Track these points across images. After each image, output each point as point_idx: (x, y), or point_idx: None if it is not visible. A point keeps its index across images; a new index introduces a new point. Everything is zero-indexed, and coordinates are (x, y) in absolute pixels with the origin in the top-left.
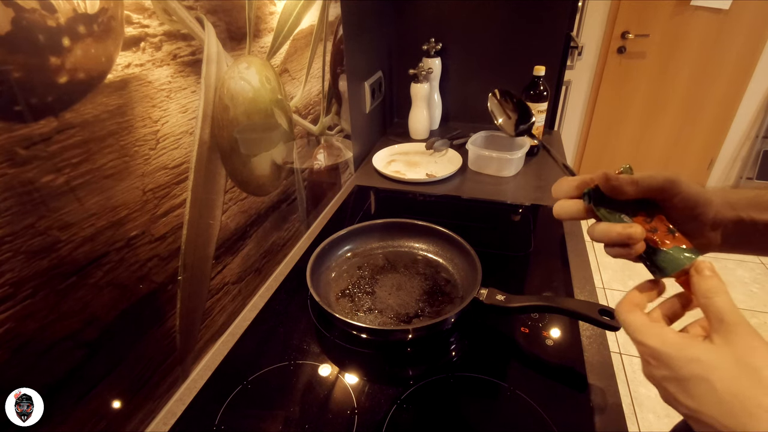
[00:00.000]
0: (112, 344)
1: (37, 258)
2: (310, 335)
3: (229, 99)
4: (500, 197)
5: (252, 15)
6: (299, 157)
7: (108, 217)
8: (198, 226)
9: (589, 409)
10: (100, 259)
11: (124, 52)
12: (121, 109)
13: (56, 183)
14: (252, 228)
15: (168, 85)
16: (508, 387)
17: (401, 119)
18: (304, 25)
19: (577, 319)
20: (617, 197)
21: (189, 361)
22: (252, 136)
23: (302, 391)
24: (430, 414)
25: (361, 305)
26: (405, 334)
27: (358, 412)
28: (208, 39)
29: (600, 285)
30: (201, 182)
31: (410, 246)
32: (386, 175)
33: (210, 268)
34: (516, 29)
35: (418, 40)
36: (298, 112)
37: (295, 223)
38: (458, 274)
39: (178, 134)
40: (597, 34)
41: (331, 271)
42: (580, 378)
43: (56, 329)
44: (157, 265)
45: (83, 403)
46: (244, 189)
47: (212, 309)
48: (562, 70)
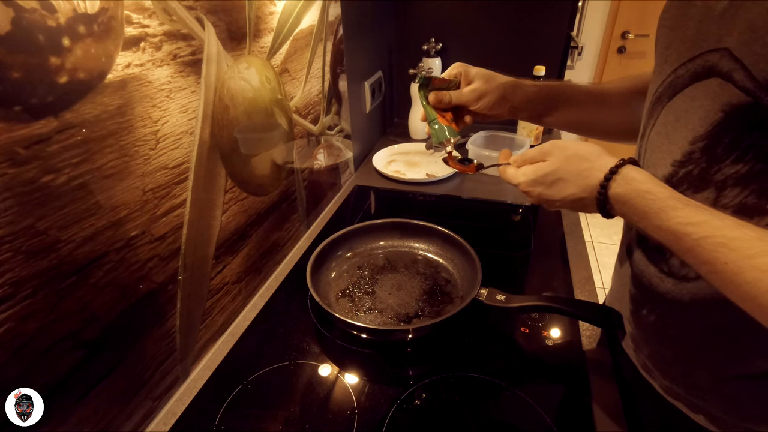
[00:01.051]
0: (112, 344)
1: (37, 258)
2: (310, 335)
3: (229, 99)
4: (500, 197)
5: (252, 15)
6: (299, 157)
7: (108, 217)
8: (198, 226)
9: (589, 409)
10: (100, 259)
11: (124, 52)
12: (121, 109)
13: (56, 183)
14: (252, 228)
15: (168, 85)
16: (508, 387)
17: (401, 119)
18: (304, 25)
19: (577, 319)
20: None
21: (189, 361)
22: (252, 136)
23: (302, 391)
24: (430, 414)
25: (361, 305)
26: (405, 334)
27: (358, 412)
28: (208, 39)
29: (600, 285)
30: (201, 182)
31: (410, 246)
32: (386, 175)
33: (210, 268)
34: (516, 29)
35: (418, 40)
36: (298, 112)
37: (295, 223)
38: (458, 274)
39: (178, 134)
40: (597, 34)
41: (331, 271)
42: (580, 378)
43: (56, 329)
44: (157, 265)
45: (83, 403)
46: (244, 189)
47: (212, 309)
48: (562, 70)
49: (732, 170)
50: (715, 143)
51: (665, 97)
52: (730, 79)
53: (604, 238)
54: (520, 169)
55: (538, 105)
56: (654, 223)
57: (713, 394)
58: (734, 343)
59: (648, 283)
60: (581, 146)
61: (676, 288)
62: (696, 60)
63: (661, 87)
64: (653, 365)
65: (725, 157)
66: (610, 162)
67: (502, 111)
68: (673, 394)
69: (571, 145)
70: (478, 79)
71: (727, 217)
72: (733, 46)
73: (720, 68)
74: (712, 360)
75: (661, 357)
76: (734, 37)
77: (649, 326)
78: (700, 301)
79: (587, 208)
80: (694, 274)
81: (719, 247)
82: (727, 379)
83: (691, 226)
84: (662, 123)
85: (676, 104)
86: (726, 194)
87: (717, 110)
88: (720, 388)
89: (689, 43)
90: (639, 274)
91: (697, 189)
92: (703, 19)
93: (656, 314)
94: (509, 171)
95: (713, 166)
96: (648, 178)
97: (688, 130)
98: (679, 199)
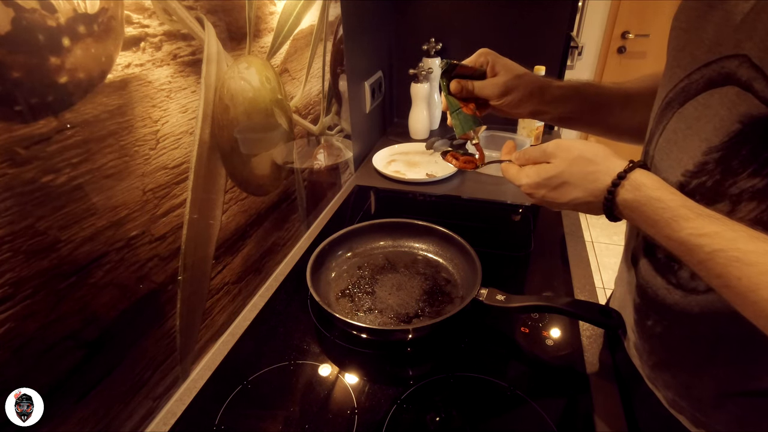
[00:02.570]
0: (112, 344)
1: (37, 258)
2: (310, 335)
3: (229, 99)
4: (500, 197)
5: (252, 15)
6: (299, 157)
7: (108, 217)
8: (198, 226)
9: (588, 409)
10: (100, 259)
11: (124, 52)
12: (121, 109)
13: (56, 183)
14: (252, 228)
15: (168, 85)
16: (508, 387)
17: (401, 119)
18: (304, 25)
19: (577, 319)
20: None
21: (189, 361)
22: (252, 136)
23: (302, 391)
24: (430, 414)
25: (361, 305)
26: (405, 334)
27: (358, 412)
28: (208, 39)
29: (600, 285)
30: (201, 182)
31: (410, 246)
32: (386, 175)
33: (210, 268)
34: (516, 29)
35: (418, 40)
36: (298, 112)
37: (295, 223)
38: (458, 274)
39: (178, 134)
40: (597, 34)
41: (331, 271)
42: (580, 378)
43: (56, 329)
44: (157, 265)
45: (83, 403)
46: (244, 189)
47: (212, 309)
48: (562, 70)
49: (748, 184)
50: (731, 155)
51: (676, 103)
52: (750, 88)
53: (604, 238)
54: (522, 169)
55: (564, 107)
56: (664, 232)
57: (718, 409)
58: (743, 358)
59: (654, 294)
60: (587, 147)
61: (684, 300)
62: (712, 65)
63: (672, 92)
64: (657, 376)
65: (741, 170)
66: (617, 165)
67: (523, 111)
68: (676, 407)
69: (575, 146)
70: (505, 73)
71: (741, 227)
72: (753, 53)
73: (738, 76)
74: (719, 374)
75: (666, 368)
76: (754, 44)
77: (655, 337)
78: (710, 314)
79: (593, 211)
80: (704, 287)
81: (733, 262)
82: (734, 395)
83: (703, 238)
84: (672, 129)
85: (688, 111)
86: (741, 208)
87: (734, 121)
88: (725, 403)
89: (705, 48)
90: (644, 284)
91: (711, 201)
92: (721, 23)
93: (662, 326)
94: (511, 170)
95: (728, 179)
96: (658, 184)
97: (701, 140)
98: (691, 207)
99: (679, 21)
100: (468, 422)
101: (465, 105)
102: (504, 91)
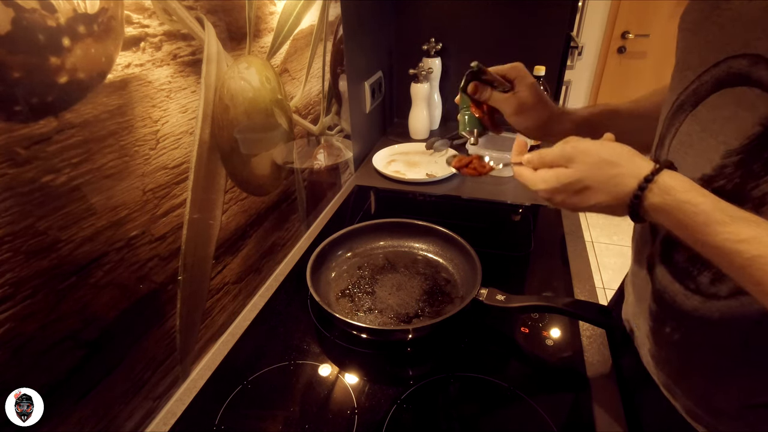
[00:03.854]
0: (112, 344)
1: (37, 258)
2: (310, 335)
3: (229, 99)
4: (500, 197)
5: (252, 15)
6: (299, 157)
7: (108, 217)
8: (198, 226)
9: (589, 409)
10: (100, 259)
11: (124, 52)
12: (121, 109)
13: (56, 183)
14: (252, 228)
15: (168, 85)
16: (508, 387)
17: (401, 119)
18: (304, 25)
19: (577, 319)
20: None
21: (189, 361)
22: (252, 136)
23: (302, 391)
24: (430, 414)
25: (361, 305)
26: (405, 334)
27: (358, 412)
28: (208, 39)
29: (600, 285)
30: (201, 182)
31: (410, 246)
32: (386, 175)
33: (210, 268)
34: (516, 29)
35: (418, 40)
36: (298, 112)
37: (295, 223)
38: (458, 274)
39: (178, 134)
40: (597, 34)
41: (331, 271)
42: (580, 378)
43: (56, 329)
44: (157, 265)
45: (83, 403)
46: (244, 189)
47: (212, 309)
48: (562, 70)
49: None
50: (753, 158)
51: (688, 105)
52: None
53: (604, 238)
54: (538, 173)
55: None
56: (696, 236)
57: (738, 420)
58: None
59: (672, 300)
60: (607, 149)
61: (703, 306)
62: (720, 65)
63: (683, 94)
64: (675, 384)
65: (764, 173)
66: (643, 167)
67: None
68: (693, 416)
69: (595, 149)
70: (527, 93)
71: None
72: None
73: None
74: (741, 384)
75: (685, 377)
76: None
77: (673, 345)
78: (731, 320)
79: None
80: (725, 292)
81: None
82: (756, 406)
83: (741, 244)
84: (686, 132)
85: (701, 113)
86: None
87: (755, 123)
88: (746, 414)
89: (713, 48)
90: (661, 290)
91: None
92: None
93: (681, 333)
94: (526, 174)
95: (749, 182)
96: (687, 186)
97: (719, 143)
98: (725, 210)
99: (686, 22)
100: (468, 422)
101: (475, 107)
102: (520, 109)
